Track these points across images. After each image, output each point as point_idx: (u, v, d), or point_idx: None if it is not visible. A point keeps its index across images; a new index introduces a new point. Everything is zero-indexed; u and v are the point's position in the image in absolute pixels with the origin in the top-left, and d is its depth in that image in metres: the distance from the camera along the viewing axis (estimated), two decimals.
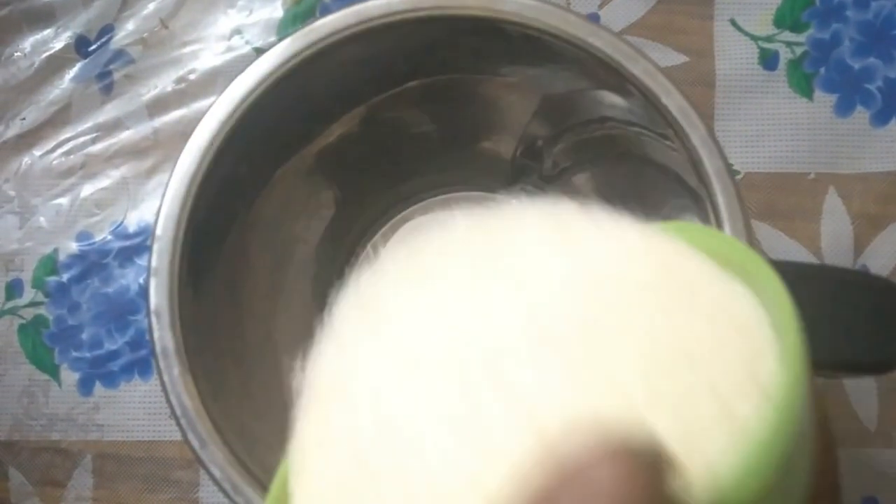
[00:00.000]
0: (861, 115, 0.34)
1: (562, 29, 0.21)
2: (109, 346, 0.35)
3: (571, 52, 0.21)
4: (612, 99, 0.22)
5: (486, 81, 0.25)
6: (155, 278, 0.21)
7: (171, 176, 0.21)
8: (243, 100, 0.21)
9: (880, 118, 0.34)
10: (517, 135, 0.26)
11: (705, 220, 0.20)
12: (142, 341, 0.35)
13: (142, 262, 0.35)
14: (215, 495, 0.34)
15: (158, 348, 0.20)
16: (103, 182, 0.36)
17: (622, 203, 0.26)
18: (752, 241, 0.20)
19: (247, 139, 0.22)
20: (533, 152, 0.27)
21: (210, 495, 0.34)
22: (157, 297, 0.21)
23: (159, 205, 0.21)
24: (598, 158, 0.25)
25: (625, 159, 0.24)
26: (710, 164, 0.20)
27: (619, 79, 0.20)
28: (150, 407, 0.34)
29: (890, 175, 0.33)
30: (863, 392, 0.33)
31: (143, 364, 0.35)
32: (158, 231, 0.21)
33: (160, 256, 0.21)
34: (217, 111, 0.21)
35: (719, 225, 0.20)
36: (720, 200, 0.20)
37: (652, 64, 0.20)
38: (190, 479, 0.34)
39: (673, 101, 0.20)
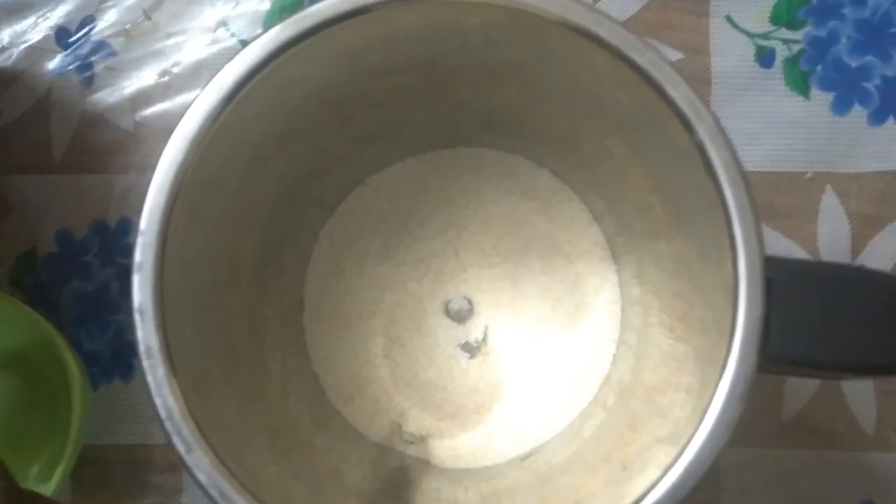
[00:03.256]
0: (858, 113, 0.33)
1: (564, 17, 0.20)
2: (89, 346, 0.34)
3: (575, 43, 0.20)
4: (617, 92, 0.21)
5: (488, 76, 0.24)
6: (139, 274, 0.20)
7: (157, 167, 0.20)
8: (235, 87, 0.20)
9: (878, 117, 0.33)
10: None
11: (714, 215, 0.19)
12: (123, 342, 0.34)
13: (123, 260, 0.34)
14: (198, 501, 0.33)
15: (142, 348, 0.19)
16: (84, 177, 0.34)
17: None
18: (761, 237, 0.19)
19: (239, 129, 0.21)
20: None
21: (193, 501, 0.33)
22: (141, 294, 0.20)
23: (144, 196, 0.20)
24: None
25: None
26: (717, 157, 0.19)
27: (622, 70, 0.20)
28: (131, 410, 0.33)
29: (887, 175, 0.33)
30: (861, 395, 0.32)
31: (124, 366, 0.34)
32: (143, 225, 0.20)
33: (144, 251, 0.20)
34: (206, 99, 0.20)
35: (728, 220, 0.19)
36: (728, 194, 0.19)
37: (658, 54, 0.19)
38: (172, 484, 0.33)
39: (680, 92, 0.19)
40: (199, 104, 0.20)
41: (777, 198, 0.33)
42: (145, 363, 0.19)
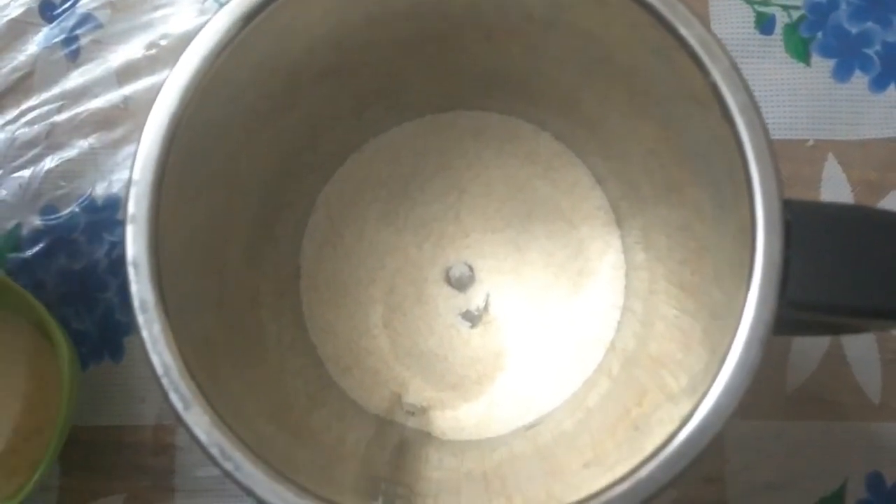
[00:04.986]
0: (860, 80, 0.33)
1: None
2: (77, 326, 0.33)
3: None
4: (627, 37, 0.20)
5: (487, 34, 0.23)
6: (132, 226, 0.19)
7: (149, 115, 0.19)
8: (232, 31, 0.19)
9: (879, 83, 0.33)
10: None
11: (730, 160, 0.19)
12: (112, 321, 0.33)
13: (111, 236, 0.33)
14: (190, 482, 0.32)
15: (137, 303, 0.19)
16: (70, 153, 0.34)
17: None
18: (780, 178, 0.19)
19: (235, 79, 0.20)
20: None
21: (185, 482, 0.32)
22: (135, 246, 0.19)
23: (136, 147, 0.19)
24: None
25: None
26: (733, 99, 0.18)
27: (633, 12, 0.19)
28: (121, 390, 0.32)
29: (890, 142, 0.33)
30: (866, 364, 0.32)
31: (113, 345, 0.33)
32: (136, 175, 0.19)
33: (138, 202, 0.19)
34: (202, 44, 0.19)
35: (744, 163, 0.18)
36: (744, 137, 0.18)
37: None
38: (164, 465, 0.32)
39: (693, 31, 0.19)
40: (194, 50, 0.19)
41: (779, 166, 0.33)
42: (140, 318, 0.19)
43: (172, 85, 0.19)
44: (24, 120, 0.34)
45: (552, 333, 0.28)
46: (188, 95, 0.19)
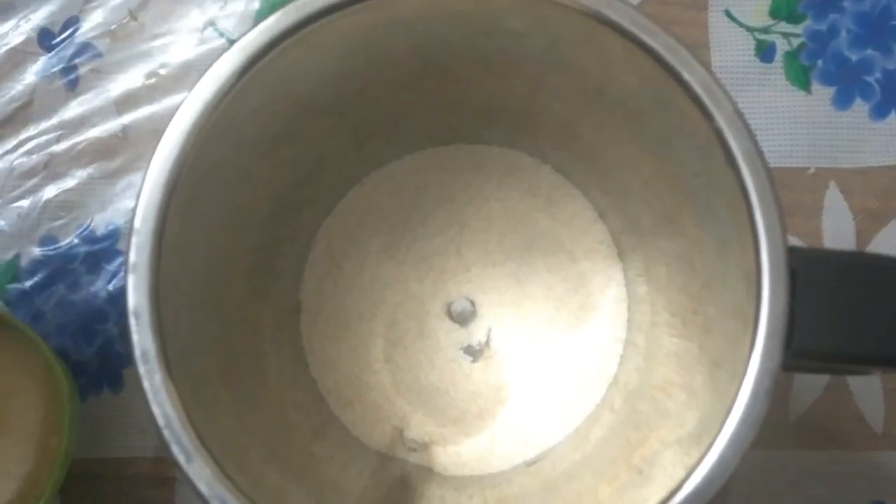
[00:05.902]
0: (860, 107, 0.33)
1: (575, 0, 0.19)
2: (76, 357, 0.33)
3: (584, 28, 0.19)
4: (628, 78, 0.20)
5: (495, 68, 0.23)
6: (133, 275, 0.19)
7: (151, 162, 0.19)
8: (233, 77, 0.19)
9: (880, 111, 0.33)
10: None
11: (733, 205, 0.19)
12: (111, 352, 0.33)
13: (111, 267, 0.33)
14: None
15: (138, 352, 0.18)
16: (69, 183, 0.33)
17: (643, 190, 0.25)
18: (784, 226, 0.19)
19: (237, 122, 0.20)
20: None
21: None
22: (137, 295, 0.19)
23: (138, 193, 0.19)
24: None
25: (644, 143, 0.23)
26: (737, 145, 0.18)
27: (636, 55, 0.19)
28: (120, 422, 0.32)
29: (891, 169, 0.32)
30: (868, 393, 0.32)
31: (113, 376, 0.32)
32: (137, 223, 0.19)
33: (139, 251, 0.19)
34: (203, 90, 0.19)
35: (749, 210, 0.18)
36: (749, 183, 0.18)
37: (673, 37, 0.19)
38: (164, 498, 0.32)
39: (696, 76, 0.19)
40: (196, 95, 0.19)
41: (780, 194, 0.32)
42: (141, 368, 0.18)
43: (174, 131, 0.19)
44: (22, 150, 0.34)
45: (554, 367, 0.28)
46: (190, 141, 0.19)
